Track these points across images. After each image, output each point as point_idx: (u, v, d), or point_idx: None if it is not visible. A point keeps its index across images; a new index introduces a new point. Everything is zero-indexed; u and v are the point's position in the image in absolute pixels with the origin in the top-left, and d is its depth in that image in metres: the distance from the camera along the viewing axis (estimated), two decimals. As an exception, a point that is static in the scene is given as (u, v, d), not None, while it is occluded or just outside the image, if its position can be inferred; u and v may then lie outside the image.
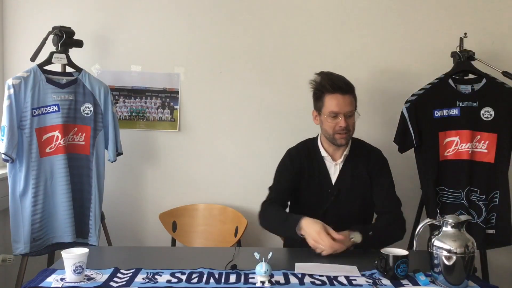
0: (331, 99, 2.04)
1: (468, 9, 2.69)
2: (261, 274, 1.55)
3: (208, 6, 2.70)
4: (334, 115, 2.04)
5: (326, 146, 2.15)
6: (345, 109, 2.03)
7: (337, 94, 2.03)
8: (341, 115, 2.03)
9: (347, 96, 2.04)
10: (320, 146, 2.16)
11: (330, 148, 2.14)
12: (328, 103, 2.05)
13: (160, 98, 2.73)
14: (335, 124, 2.04)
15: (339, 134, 2.05)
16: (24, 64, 2.46)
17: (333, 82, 2.04)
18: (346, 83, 2.07)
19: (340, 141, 2.06)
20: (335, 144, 2.09)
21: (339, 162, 2.13)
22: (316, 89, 2.11)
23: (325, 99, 2.06)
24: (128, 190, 2.77)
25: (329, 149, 2.15)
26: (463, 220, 1.60)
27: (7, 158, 2.24)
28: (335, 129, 2.04)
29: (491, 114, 2.34)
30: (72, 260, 1.57)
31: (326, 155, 2.14)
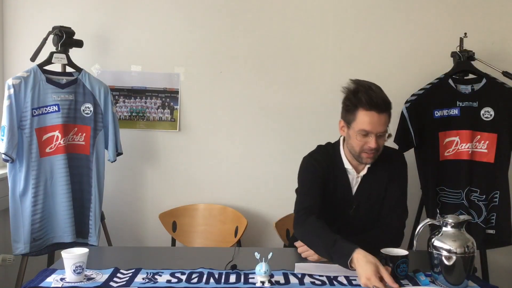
0: (365, 116, 1.81)
1: (468, 9, 2.69)
2: (261, 274, 1.55)
3: (208, 6, 2.70)
4: (365, 133, 1.82)
5: (350, 158, 1.96)
6: (378, 129, 1.82)
7: (373, 111, 1.80)
8: (372, 135, 1.82)
9: (382, 115, 1.81)
10: (343, 157, 1.97)
11: (354, 160, 1.95)
12: (361, 119, 1.82)
13: (160, 98, 2.73)
14: (363, 143, 1.84)
15: (366, 153, 1.86)
16: (24, 64, 2.46)
17: (371, 98, 1.80)
18: (385, 101, 1.83)
19: (366, 160, 1.89)
20: (360, 162, 1.92)
21: (362, 174, 1.96)
22: (349, 100, 1.87)
23: (358, 113, 1.83)
24: (128, 190, 2.77)
25: (353, 162, 1.96)
26: (463, 220, 1.60)
27: (7, 158, 2.24)
28: (363, 148, 1.85)
29: (491, 114, 2.34)
30: (72, 260, 1.57)
31: (349, 168, 1.95)
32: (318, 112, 2.73)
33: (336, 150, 2.00)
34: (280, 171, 2.75)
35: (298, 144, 2.73)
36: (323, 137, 2.29)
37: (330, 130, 2.67)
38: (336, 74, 2.71)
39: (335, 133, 2.30)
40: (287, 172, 2.73)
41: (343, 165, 1.96)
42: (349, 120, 1.88)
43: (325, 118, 2.71)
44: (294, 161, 2.72)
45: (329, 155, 1.99)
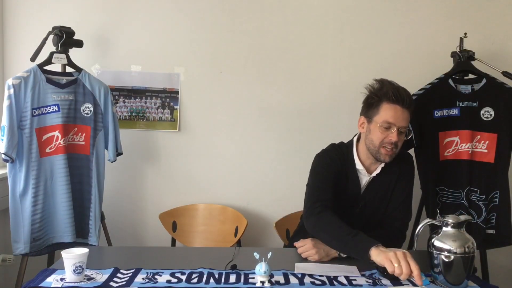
0: (390, 109, 1.85)
1: (468, 9, 2.69)
2: (261, 274, 1.55)
3: (208, 6, 2.70)
4: (388, 126, 1.85)
5: (363, 158, 1.97)
6: (401, 123, 1.85)
7: (397, 105, 1.85)
8: (395, 128, 1.84)
9: (406, 110, 1.86)
10: (355, 157, 1.98)
11: (367, 160, 1.96)
12: (385, 112, 1.86)
13: (160, 98, 2.73)
14: (385, 136, 1.86)
15: (386, 148, 1.87)
16: (24, 64, 2.46)
17: (398, 91, 1.86)
18: (410, 98, 1.89)
19: (384, 157, 1.89)
20: (378, 159, 1.92)
21: (374, 175, 1.98)
22: (374, 94, 1.90)
23: (382, 107, 1.87)
24: (128, 190, 2.77)
25: (366, 162, 1.97)
26: (463, 220, 1.60)
27: (7, 158, 2.24)
28: (384, 142, 1.86)
29: (491, 114, 2.34)
30: (72, 260, 1.57)
31: (361, 168, 1.96)
32: (318, 112, 2.73)
33: (350, 150, 2.01)
34: (280, 171, 2.76)
35: (298, 144, 2.74)
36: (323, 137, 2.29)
37: (330, 130, 2.69)
38: (336, 74, 2.71)
39: (335, 133, 2.31)
40: (287, 172, 2.74)
41: (355, 165, 1.97)
42: (371, 115, 1.91)
43: (325, 118, 2.71)
44: (294, 161, 2.74)
45: (342, 154, 2.00)
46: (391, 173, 1.99)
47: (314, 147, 2.15)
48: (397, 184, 2.00)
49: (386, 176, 1.98)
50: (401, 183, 2.00)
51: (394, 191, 2.00)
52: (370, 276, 1.67)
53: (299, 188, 2.25)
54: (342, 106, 2.70)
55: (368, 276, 1.67)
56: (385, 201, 2.00)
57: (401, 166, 2.01)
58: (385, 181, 1.99)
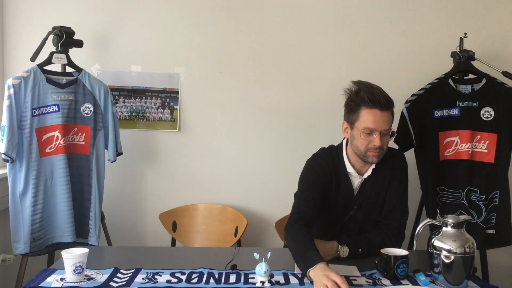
0: (368, 114, 1.84)
1: (468, 9, 2.69)
2: (261, 274, 1.55)
3: (208, 6, 2.70)
4: (369, 131, 1.84)
5: (353, 161, 1.97)
6: (382, 126, 1.84)
7: (375, 109, 1.83)
8: (376, 133, 1.84)
9: (385, 112, 1.85)
10: (346, 160, 1.97)
11: (357, 163, 1.96)
12: (364, 118, 1.85)
13: (160, 98, 2.73)
14: (368, 142, 1.85)
15: (371, 152, 1.87)
16: (24, 64, 2.46)
17: (373, 95, 1.83)
18: (387, 98, 1.86)
19: (372, 159, 1.89)
20: (366, 161, 1.92)
21: (365, 177, 1.97)
22: (352, 100, 1.90)
23: (361, 113, 1.86)
24: (128, 190, 2.77)
25: (356, 165, 1.97)
26: (463, 220, 1.60)
27: (7, 158, 2.24)
28: (368, 147, 1.86)
29: (491, 114, 2.34)
30: (72, 260, 1.57)
31: (352, 171, 1.96)
32: (318, 112, 2.73)
33: (339, 153, 2.00)
34: (280, 171, 2.75)
35: (298, 144, 2.74)
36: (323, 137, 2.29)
37: (330, 130, 2.68)
38: (336, 74, 2.71)
39: (335, 133, 2.30)
40: (287, 172, 2.73)
41: (346, 169, 1.96)
42: (352, 120, 1.90)
43: (325, 118, 2.71)
44: (294, 161, 2.73)
45: (332, 159, 1.99)
46: (383, 174, 1.98)
47: (314, 147, 2.14)
48: (391, 184, 1.98)
49: (379, 176, 1.97)
50: (395, 182, 1.99)
51: (388, 191, 1.98)
52: (370, 276, 1.68)
53: (299, 188, 2.26)
54: (342, 106, 2.69)
55: (368, 276, 1.68)
56: (380, 201, 1.99)
57: (394, 165, 2.00)
58: (378, 182, 1.98)
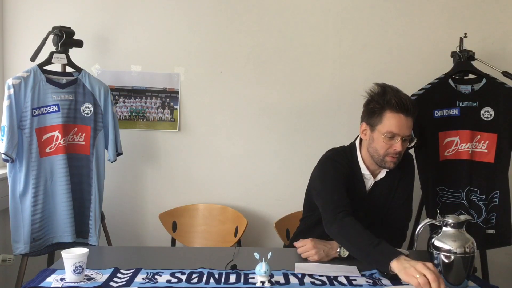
0: (393, 118, 1.82)
1: (468, 9, 2.69)
2: (261, 274, 1.55)
3: (208, 6, 2.70)
4: (392, 136, 1.83)
5: (367, 163, 1.97)
6: (405, 132, 1.83)
7: (401, 114, 1.82)
8: (398, 138, 1.83)
9: (410, 118, 1.84)
10: (360, 162, 1.97)
11: (371, 165, 1.96)
12: (388, 121, 1.83)
13: (160, 98, 2.73)
14: (389, 146, 1.85)
15: (391, 157, 1.86)
16: (24, 64, 2.46)
17: (401, 99, 1.82)
18: (413, 104, 1.86)
19: (389, 165, 1.89)
20: (383, 166, 1.92)
21: (378, 178, 1.99)
22: (377, 102, 1.87)
23: (385, 116, 1.84)
24: (128, 190, 2.77)
25: (370, 167, 1.97)
26: (463, 220, 1.60)
27: (7, 158, 2.24)
28: (388, 151, 1.86)
29: (491, 114, 2.34)
30: (72, 260, 1.57)
31: (366, 173, 1.97)
32: (318, 112, 2.73)
33: (354, 154, 2.00)
34: (280, 171, 2.75)
35: (298, 144, 2.74)
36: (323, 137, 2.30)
37: (330, 130, 2.69)
38: (336, 74, 2.71)
39: (335, 133, 2.31)
40: (287, 172, 2.74)
41: (360, 170, 1.97)
42: (373, 123, 1.88)
43: (325, 118, 2.71)
44: (294, 161, 2.74)
45: (347, 159, 1.98)
46: (393, 175, 2.00)
47: (313, 147, 2.15)
48: (400, 185, 2.01)
49: (389, 178, 2.00)
50: (403, 183, 2.02)
51: (396, 192, 2.01)
52: (370, 276, 1.67)
53: (299, 188, 2.26)
54: (342, 106, 2.70)
55: (368, 276, 1.67)
56: (388, 202, 2.01)
57: (403, 167, 2.01)
58: (388, 184, 2.00)
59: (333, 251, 1.84)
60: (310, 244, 1.85)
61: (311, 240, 1.86)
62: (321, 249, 1.83)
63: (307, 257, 1.84)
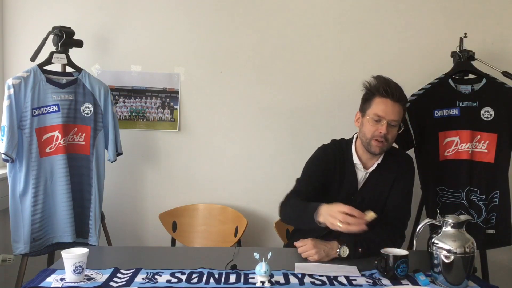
0: (380, 103, 1.95)
1: (468, 9, 2.69)
2: (261, 274, 1.55)
3: (208, 6, 2.70)
4: (378, 119, 1.94)
5: (360, 153, 2.05)
6: (390, 116, 1.94)
7: (387, 99, 1.94)
8: (384, 121, 1.93)
9: (396, 104, 1.95)
10: (353, 152, 2.06)
11: (364, 155, 2.04)
12: (376, 106, 1.96)
13: (160, 98, 2.73)
14: (375, 129, 1.95)
15: (376, 140, 1.95)
16: (24, 64, 2.46)
17: (388, 86, 1.95)
18: (400, 92, 1.97)
19: (375, 149, 1.96)
20: (369, 151, 1.99)
21: (370, 170, 2.05)
22: (369, 90, 2.02)
23: (374, 101, 1.97)
24: (128, 190, 2.77)
25: (363, 157, 2.05)
26: (463, 220, 1.60)
27: (7, 158, 2.24)
28: (374, 134, 1.95)
29: (491, 114, 2.34)
30: (72, 260, 1.57)
31: (358, 163, 2.04)
32: (318, 112, 2.73)
33: (349, 145, 2.10)
34: (280, 171, 2.75)
35: (298, 144, 2.74)
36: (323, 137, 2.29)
37: (330, 130, 2.69)
38: (336, 74, 2.71)
39: (335, 133, 2.30)
40: (287, 172, 2.73)
41: (353, 160, 2.05)
42: (365, 109, 2.01)
43: (325, 118, 2.71)
44: (294, 161, 2.73)
45: (341, 149, 2.09)
46: (388, 172, 2.04)
47: (314, 146, 2.15)
48: (395, 184, 2.04)
49: (384, 174, 2.04)
50: (400, 183, 2.04)
51: (392, 191, 2.04)
52: (370, 276, 1.67)
53: (299, 188, 2.25)
54: (342, 106, 2.70)
55: (368, 276, 1.67)
56: (382, 200, 2.04)
57: (400, 166, 2.07)
58: (382, 179, 2.04)
59: (333, 251, 1.84)
60: (311, 244, 1.85)
61: (311, 240, 1.87)
62: (321, 249, 1.83)
63: (307, 257, 1.84)
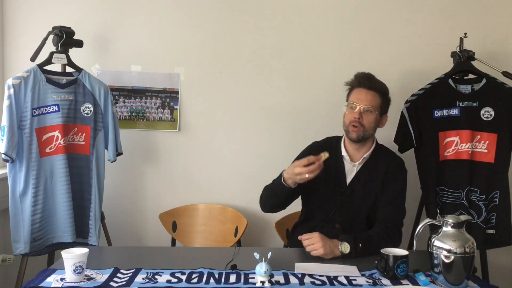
0: (355, 92, 2.11)
1: (468, 9, 2.69)
2: (261, 274, 1.55)
3: (208, 6, 2.70)
4: (353, 106, 2.08)
5: (347, 145, 2.16)
6: (363, 102, 2.06)
7: (361, 88, 2.09)
8: (357, 107, 2.06)
9: (370, 92, 2.08)
10: (342, 144, 2.17)
11: (350, 147, 2.14)
12: (353, 95, 2.12)
13: (160, 98, 2.73)
14: (351, 116, 2.07)
15: (353, 126, 2.06)
16: (24, 64, 2.46)
17: (359, 77, 2.12)
18: (374, 82, 2.11)
19: (352, 134, 2.07)
20: (349, 137, 2.10)
21: (357, 164, 2.12)
22: (349, 85, 2.16)
23: (351, 93, 2.13)
24: (128, 190, 2.77)
25: (349, 149, 2.15)
26: (463, 220, 1.60)
27: (7, 158, 2.24)
28: (350, 120, 2.07)
29: (491, 114, 2.34)
30: (72, 260, 1.57)
31: (345, 155, 2.14)
32: (318, 112, 2.73)
33: (339, 140, 2.21)
34: (280, 171, 2.74)
35: (298, 144, 2.72)
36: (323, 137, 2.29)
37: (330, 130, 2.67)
38: (336, 74, 2.71)
39: (335, 133, 2.30)
40: (287, 172, 2.73)
41: (341, 152, 2.15)
42: (346, 102, 2.15)
43: (324, 118, 2.71)
44: (294, 161, 2.73)
45: (330, 144, 2.20)
46: (378, 169, 2.11)
47: (314, 147, 2.15)
48: (388, 182, 2.09)
49: (373, 169, 2.11)
50: (391, 183, 2.09)
51: (385, 189, 2.08)
52: (370, 276, 1.68)
53: (299, 188, 2.25)
54: (342, 106, 2.69)
55: (368, 276, 1.68)
56: (372, 195, 2.08)
57: (390, 165, 2.12)
58: (372, 175, 2.10)
59: (337, 250, 1.85)
60: (318, 237, 1.86)
61: (318, 234, 1.88)
62: (327, 244, 1.84)
63: (312, 250, 1.85)
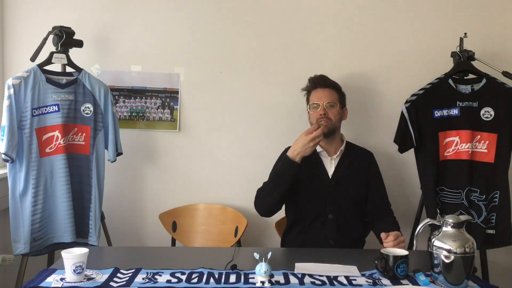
0: (313, 94, 2.30)
1: (468, 9, 2.68)
2: (261, 274, 1.55)
3: (208, 6, 2.70)
4: (315, 105, 2.26)
5: (321, 143, 2.25)
6: (324, 99, 2.24)
7: (317, 88, 2.29)
8: (320, 104, 2.24)
9: (326, 89, 2.27)
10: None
11: (322, 143, 2.26)
12: (311, 97, 2.31)
13: (160, 98, 2.73)
14: (316, 114, 2.23)
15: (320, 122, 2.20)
16: (24, 64, 2.46)
17: (313, 79, 2.33)
18: (328, 80, 2.32)
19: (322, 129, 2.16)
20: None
21: (335, 157, 2.27)
22: (305, 89, 2.37)
23: (310, 96, 2.32)
24: (128, 190, 2.77)
25: (322, 145, 2.27)
26: (463, 220, 1.60)
27: (7, 158, 2.24)
28: (317, 118, 2.22)
29: (491, 114, 2.34)
30: (72, 260, 1.57)
31: (321, 150, 2.27)
32: (318, 112, 2.72)
33: None
34: (280, 171, 2.75)
35: (298, 144, 2.73)
36: (323, 137, 2.31)
37: (330, 130, 2.68)
38: (336, 74, 2.70)
39: (335, 133, 2.31)
40: (287, 172, 2.73)
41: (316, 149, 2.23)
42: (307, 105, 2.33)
43: (325, 118, 2.71)
44: (294, 161, 2.73)
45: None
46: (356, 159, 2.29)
47: (314, 147, 2.14)
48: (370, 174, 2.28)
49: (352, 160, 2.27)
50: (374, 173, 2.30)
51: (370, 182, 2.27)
52: (370, 276, 1.68)
53: (299, 188, 2.25)
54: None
55: (368, 276, 1.68)
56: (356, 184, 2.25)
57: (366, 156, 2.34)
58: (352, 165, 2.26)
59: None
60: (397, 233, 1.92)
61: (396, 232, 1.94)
62: None
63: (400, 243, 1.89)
